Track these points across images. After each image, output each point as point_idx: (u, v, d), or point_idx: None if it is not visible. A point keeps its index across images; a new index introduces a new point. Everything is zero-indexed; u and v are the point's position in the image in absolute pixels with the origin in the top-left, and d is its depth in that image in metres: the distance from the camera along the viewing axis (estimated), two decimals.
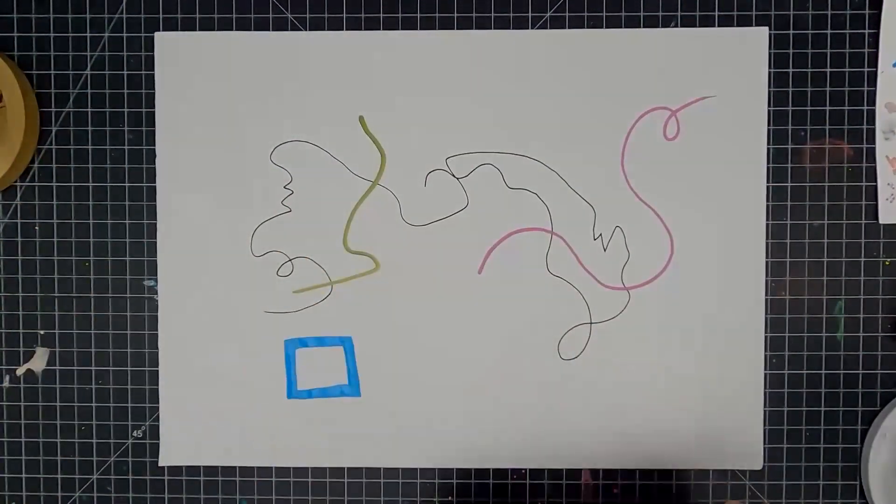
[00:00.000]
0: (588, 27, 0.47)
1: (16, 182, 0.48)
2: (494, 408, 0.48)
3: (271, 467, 0.49)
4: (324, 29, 0.48)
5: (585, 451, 0.48)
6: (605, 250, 0.48)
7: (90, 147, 0.48)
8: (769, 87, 0.47)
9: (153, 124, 0.48)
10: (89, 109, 0.48)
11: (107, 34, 0.48)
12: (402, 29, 0.48)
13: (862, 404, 0.48)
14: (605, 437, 0.48)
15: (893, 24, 0.47)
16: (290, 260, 0.48)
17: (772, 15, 0.47)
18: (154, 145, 0.48)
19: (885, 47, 0.47)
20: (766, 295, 0.48)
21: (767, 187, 0.48)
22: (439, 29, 0.48)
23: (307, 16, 0.48)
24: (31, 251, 0.49)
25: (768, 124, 0.47)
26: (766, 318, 0.48)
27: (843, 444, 0.48)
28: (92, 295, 0.49)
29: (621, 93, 0.47)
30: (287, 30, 0.48)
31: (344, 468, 0.49)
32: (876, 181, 0.47)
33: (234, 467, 0.49)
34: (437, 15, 0.48)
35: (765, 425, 0.48)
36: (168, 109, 0.48)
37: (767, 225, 0.48)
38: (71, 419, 0.49)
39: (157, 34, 0.48)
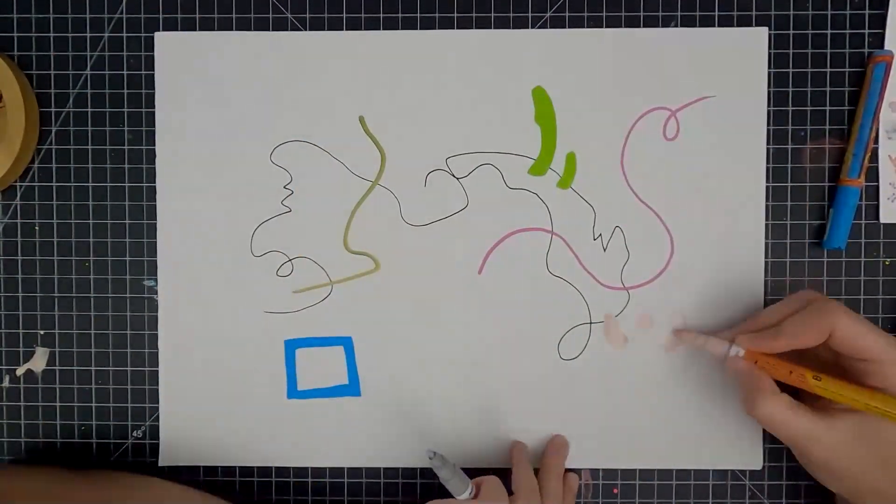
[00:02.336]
0: (588, 27, 0.47)
1: (16, 182, 0.48)
2: (494, 408, 0.48)
3: (271, 467, 0.49)
4: (324, 29, 0.48)
5: (585, 451, 0.48)
6: (604, 250, 0.48)
7: (90, 147, 0.48)
8: (769, 87, 0.47)
9: (153, 124, 0.48)
10: (89, 109, 0.48)
11: (107, 34, 0.48)
12: (402, 29, 0.48)
13: None
14: (605, 437, 0.48)
15: None
16: (290, 260, 0.48)
17: (772, 15, 0.47)
18: (154, 145, 0.48)
19: (891, 45, 0.47)
20: (766, 295, 0.48)
21: (767, 187, 0.48)
22: (439, 29, 0.48)
23: (307, 16, 0.48)
24: (31, 251, 0.49)
25: (768, 124, 0.47)
26: None
27: None
28: (92, 295, 0.49)
29: (621, 93, 0.47)
30: (287, 30, 0.48)
31: (344, 468, 0.49)
32: (877, 181, 0.47)
33: (234, 467, 0.49)
34: (436, 15, 0.48)
35: None
36: (168, 109, 0.48)
37: (767, 225, 0.48)
38: (71, 419, 0.49)
39: (157, 34, 0.48)
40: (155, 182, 0.48)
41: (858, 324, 0.38)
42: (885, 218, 0.47)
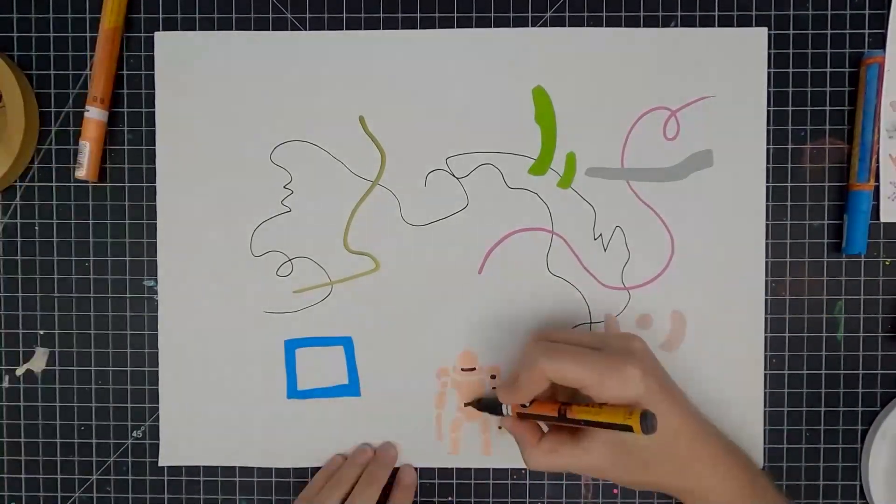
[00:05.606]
0: (588, 27, 0.47)
1: (16, 182, 0.48)
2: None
3: (271, 468, 0.49)
4: (324, 29, 0.48)
5: None
6: (605, 250, 0.48)
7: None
8: (769, 87, 0.47)
9: (153, 124, 0.48)
10: None
11: None
12: (402, 29, 0.48)
13: (862, 404, 0.48)
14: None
15: None
16: (290, 260, 0.48)
17: (772, 15, 0.47)
18: (154, 145, 0.48)
19: (892, 45, 0.47)
20: (766, 295, 0.48)
21: (767, 187, 0.48)
22: (439, 29, 0.48)
23: (307, 16, 0.48)
24: (31, 251, 0.49)
25: (768, 124, 0.47)
26: (766, 318, 0.48)
27: (843, 444, 0.48)
28: (92, 295, 0.49)
29: (621, 93, 0.47)
30: (287, 30, 0.48)
31: None
32: (877, 180, 0.47)
33: (234, 467, 0.49)
34: (436, 15, 0.48)
35: (765, 425, 0.48)
36: (168, 109, 0.48)
37: (767, 225, 0.48)
38: (71, 419, 0.49)
39: (156, 34, 0.48)
40: (155, 182, 0.48)
41: (558, 361, 0.38)
42: (885, 217, 0.47)
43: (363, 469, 0.46)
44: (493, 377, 0.48)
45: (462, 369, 0.48)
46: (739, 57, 0.47)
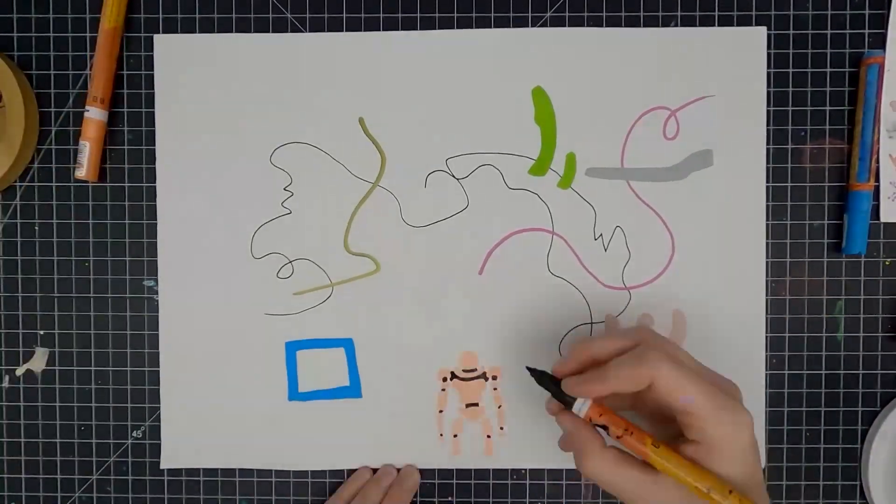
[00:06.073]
0: (588, 27, 0.47)
1: (16, 182, 0.48)
2: (495, 408, 0.48)
3: (272, 470, 0.49)
4: (324, 30, 0.48)
5: None
6: (605, 250, 0.48)
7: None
8: (769, 87, 0.47)
9: (153, 124, 0.48)
10: None
11: None
12: (402, 29, 0.48)
13: (862, 404, 0.48)
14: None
15: None
16: (291, 262, 0.48)
17: (771, 15, 0.47)
18: (154, 145, 0.48)
19: (892, 45, 0.47)
20: (766, 295, 0.48)
21: (767, 187, 0.48)
22: (439, 29, 0.48)
23: (307, 16, 0.48)
24: (31, 251, 0.49)
25: (768, 124, 0.47)
26: (766, 318, 0.48)
27: (843, 444, 0.48)
28: (92, 295, 0.49)
29: (621, 92, 0.47)
30: (287, 31, 0.48)
31: (344, 470, 0.49)
32: (877, 180, 0.47)
33: (234, 469, 0.49)
34: (436, 15, 0.48)
35: (765, 425, 0.48)
36: (168, 109, 0.48)
37: (767, 225, 0.48)
38: (71, 419, 0.49)
39: (155, 37, 0.48)
40: (155, 182, 0.48)
41: (679, 376, 0.35)
42: (885, 217, 0.47)
43: (385, 492, 0.47)
44: (493, 378, 0.48)
45: (463, 370, 0.48)
46: (739, 56, 0.47)
